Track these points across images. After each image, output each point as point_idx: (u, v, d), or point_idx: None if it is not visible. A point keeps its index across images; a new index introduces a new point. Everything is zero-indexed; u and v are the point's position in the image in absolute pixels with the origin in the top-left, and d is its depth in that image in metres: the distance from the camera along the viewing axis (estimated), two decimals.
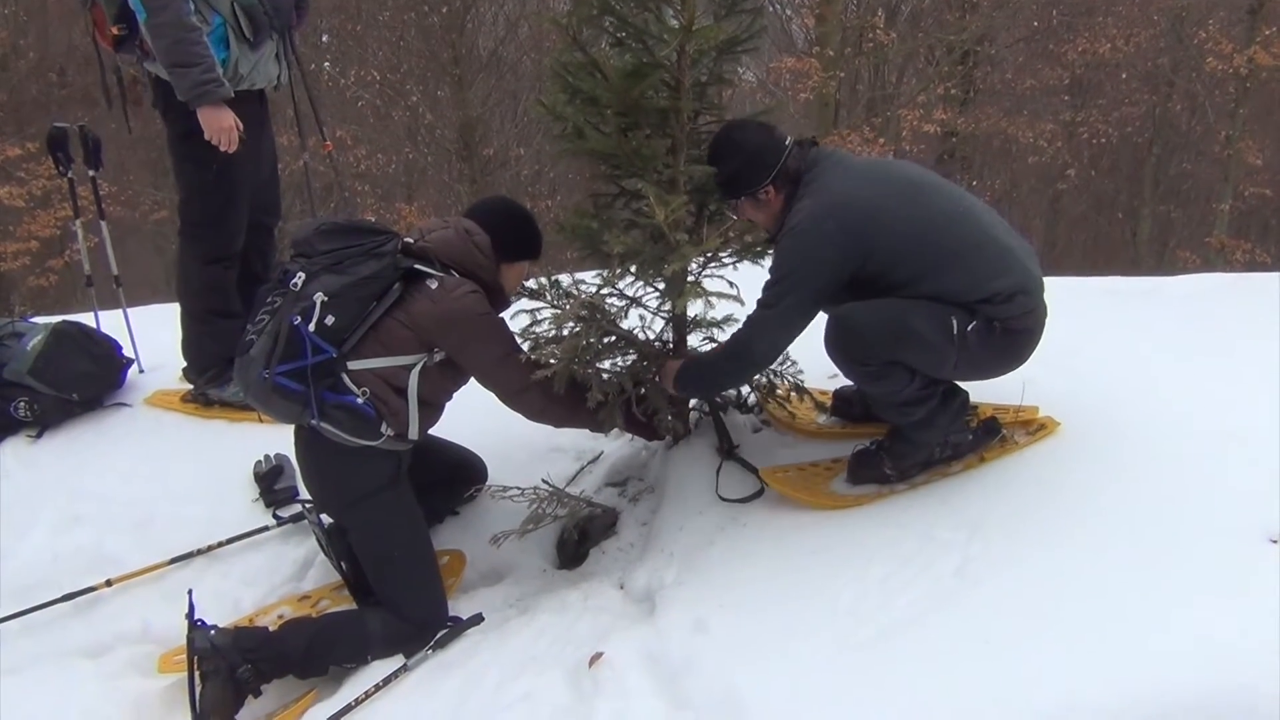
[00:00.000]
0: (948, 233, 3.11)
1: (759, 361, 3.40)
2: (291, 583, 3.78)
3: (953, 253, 3.11)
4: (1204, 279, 5.77)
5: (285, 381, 3.15)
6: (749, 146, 3.23)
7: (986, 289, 3.09)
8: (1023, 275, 3.15)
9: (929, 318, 3.07)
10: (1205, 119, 19.79)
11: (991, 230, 3.18)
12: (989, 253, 3.13)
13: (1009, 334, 3.15)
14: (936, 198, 3.19)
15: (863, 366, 3.17)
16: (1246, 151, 18.21)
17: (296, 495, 4.00)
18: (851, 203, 3.08)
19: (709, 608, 3.01)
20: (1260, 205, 20.13)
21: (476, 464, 3.96)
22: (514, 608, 3.57)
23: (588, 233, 3.37)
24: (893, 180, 3.20)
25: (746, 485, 3.60)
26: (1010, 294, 3.10)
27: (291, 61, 4.54)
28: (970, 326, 3.09)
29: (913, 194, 3.16)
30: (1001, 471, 3.33)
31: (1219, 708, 2.24)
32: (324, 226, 3.27)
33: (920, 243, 3.09)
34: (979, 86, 19.69)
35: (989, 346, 3.13)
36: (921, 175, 3.29)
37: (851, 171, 3.19)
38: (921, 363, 3.14)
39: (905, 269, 3.11)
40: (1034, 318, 3.20)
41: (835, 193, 3.10)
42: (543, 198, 17.88)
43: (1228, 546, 2.72)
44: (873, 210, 3.07)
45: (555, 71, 3.39)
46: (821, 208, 3.08)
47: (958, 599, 2.76)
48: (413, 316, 3.24)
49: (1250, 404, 3.47)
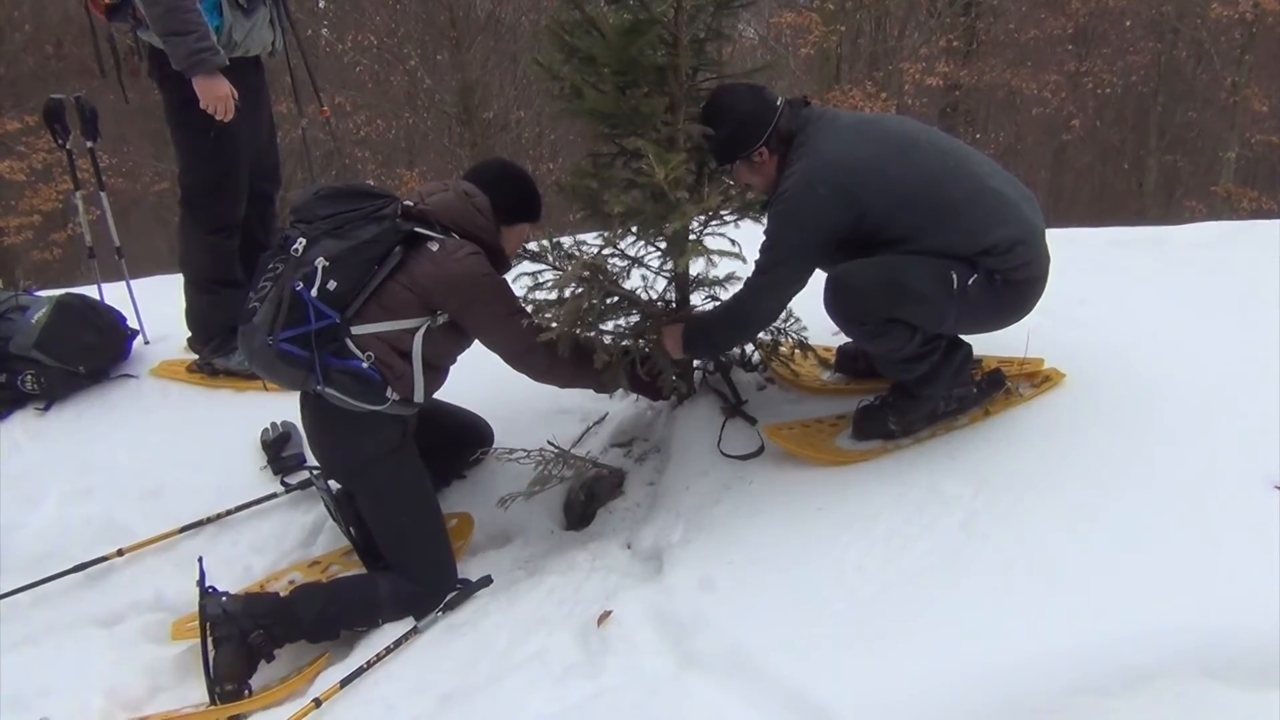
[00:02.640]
0: (941, 187, 3.09)
1: (757, 324, 3.43)
2: (301, 549, 3.80)
3: (947, 207, 3.08)
4: (1210, 228, 5.71)
5: (289, 348, 3.16)
6: (740, 111, 3.21)
7: (984, 241, 3.07)
8: (1020, 225, 3.12)
9: (927, 273, 3.06)
10: (1211, 66, 19.58)
11: (988, 181, 3.15)
12: (985, 204, 3.11)
13: (1011, 285, 3.13)
14: (929, 152, 3.16)
15: (861, 325, 3.16)
16: (1252, 98, 18.01)
17: (304, 462, 4.01)
18: (841, 163, 3.06)
19: (716, 566, 3.02)
20: (1267, 153, 19.95)
21: (482, 427, 3.96)
22: (522, 569, 3.59)
23: (587, 193, 3.35)
24: (884, 138, 3.17)
25: (749, 442, 3.60)
26: (1009, 245, 3.08)
27: (286, 27, 4.51)
28: (971, 280, 3.07)
29: (904, 150, 3.13)
30: (1007, 425, 3.32)
31: (1224, 653, 2.25)
32: (323, 191, 3.26)
33: (914, 199, 3.08)
34: (982, 38, 19.51)
35: (990, 299, 3.12)
36: (914, 130, 3.26)
37: (842, 132, 3.17)
38: (921, 318, 3.13)
39: (900, 226, 3.10)
40: (1035, 267, 3.17)
41: (825, 155, 3.08)
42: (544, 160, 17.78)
43: (1232, 495, 2.73)
44: (864, 170, 3.06)
45: (552, 30, 3.35)
46: (812, 170, 3.06)
47: (963, 553, 2.77)
48: (415, 279, 3.23)
49: (1257, 352, 3.46)
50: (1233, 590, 2.40)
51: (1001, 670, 2.33)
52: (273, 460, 4.06)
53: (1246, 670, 2.23)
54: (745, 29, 18.77)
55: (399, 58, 18.01)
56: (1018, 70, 19.16)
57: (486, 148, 16.80)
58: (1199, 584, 2.44)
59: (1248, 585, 2.40)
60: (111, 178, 14.87)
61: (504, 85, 19.07)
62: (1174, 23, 19.26)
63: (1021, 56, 19.80)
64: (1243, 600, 2.37)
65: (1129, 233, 5.71)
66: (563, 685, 2.71)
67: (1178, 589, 2.44)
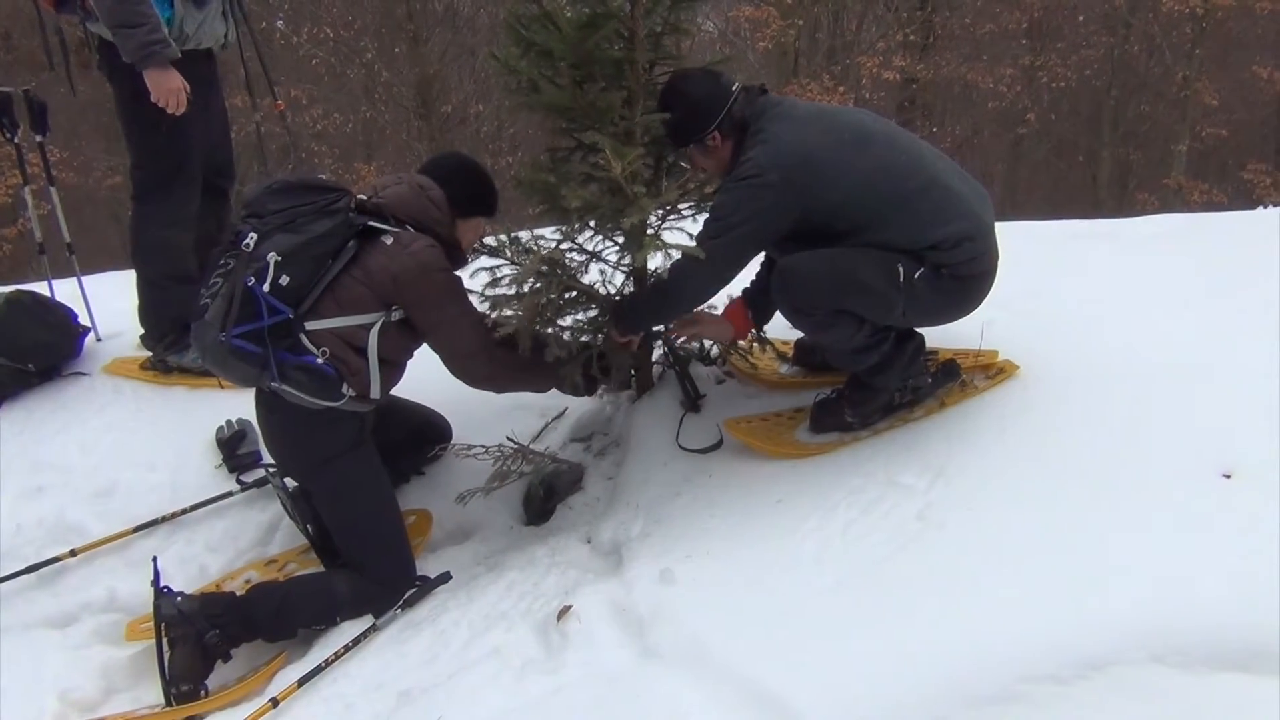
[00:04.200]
0: (893, 181, 3.11)
1: (687, 300, 3.39)
2: (257, 547, 3.77)
3: (898, 201, 3.10)
4: (1161, 220, 5.79)
5: (242, 343, 3.12)
6: (694, 95, 3.21)
7: (932, 236, 3.09)
8: (969, 221, 3.14)
9: (874, 266, 3.08)
10: (1162, 60, 19.83)
11: (941, 177, 3.17)
12: (934, 199, 3.13)
13: (957, 280, 3.16)
14: (883, 145, 3.18)
15: (808, 316, 3.18)
16: (1203, 92, 18.28)
17: (260, 460, 3.98)
18: (796, 152, 3.06)
19: (675, 558, 3.03)
20: (1217, 146, 20.22)
21: (440, 423, 3.95)
22: (482, 565, 3.58)
23: (545, 187, 3.35)
24: (839, 129, 3.17)
25: (708, 436, 3.61)
26: (957, 240, 3.10)
27: (239, 19, 4.44)
28: (918, 274, 3.10)
29: (859, 143, 3.14)
30: (962, 416, 3.35)
31: (1175, 639, 2.28)
32: (275, 186, 3.23)
33: (866, 192, 3.09)
34: (938, 32, 19.66)
35: (937, 293, 3.15)
36: (869, 122, 3.26)
37: (799, 121, 3.17)
38: (868, 310, 3.15)
39: (850, 218, 3.11)
40: (982, 263, 3.20)
41: (782, 143, 3.08)
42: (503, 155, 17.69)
43: (1183, 483, 2.77)
44: (818, 160, 3.06)
45: (509, 24, 3.35)
46: (767, 158, 3.06)
47: (920, 542, 2.79)
48: (369, 273, 3.21)
49: (1208, 343, 3.50)
50: (1183, 577, 2.43)
51: (958, 659, 2.34)
52: (228, 458, 4.02)
53: (1197, 655, 2.26)
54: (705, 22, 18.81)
55: (356, 51, 17.88)
56: (974, 64, 19.33)
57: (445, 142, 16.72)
58: (1150, 571, 2.48)
59: (1197, 572, 2.43)
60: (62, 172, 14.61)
61: (462, 79, 19.00)
62: (1126, 17, 19.49)
63: (977, 51, 19.97)
64: (1192, 587, 2.40)
65: (1082, 225, 5.77)
66: (522, 680, 2.71)
67: (1130, 576, 2.47)
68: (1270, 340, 3.43)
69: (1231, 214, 5.91)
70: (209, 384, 4.42)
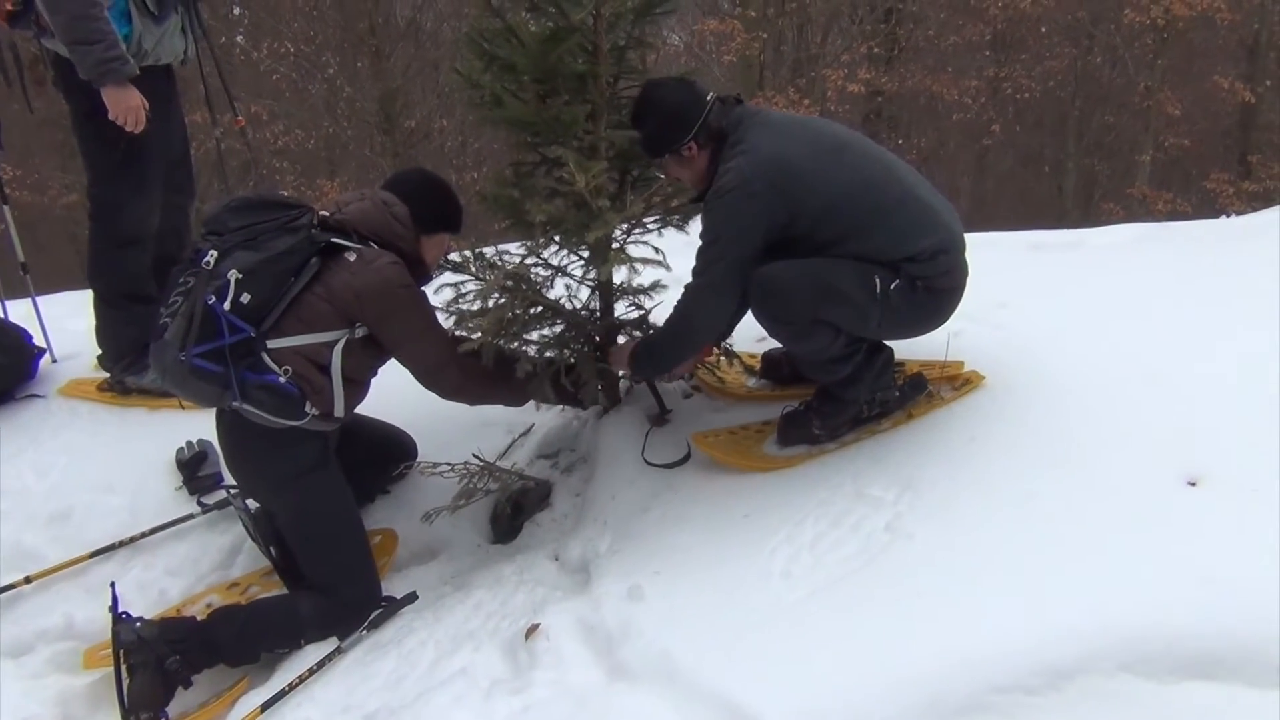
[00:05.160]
0: (871, 192, 3.13)
1: (701, 334, 3.37)
2: (219, 570, 3.73)
3: (877, 211, 3.13)
4: (1126, 229, 5.90)
5: (203, 363, 3.10)
6: (669, 104, 3.21)
7: (909, 248, 3.12)
8: (944, 235, 3.18)
9: (852, 276, 3.11)
10: (1125, 71, 20.10)
11: (915, 190, 3.21)
12: (912, 212, 3.16)
13: (931, 293, 3.20)
14: (861, 157, 3.21)
15: (788, 325, 3.20)
16: (1166, 102, 18.53)
17: (221, 481, 3.94)
18: (779, 161, 3.08)
19: (643, 575, 3.03)
20: (1181, 156, 20.51)
21: (405, 441, 3.94)
22: (449, 584, 3.57)
23: (509, 202, 3.36)
24: (819, 139, 3.20)
25: (675, 450, 3.62)
26: (933, 253, 3.14)
27: (198, 35, 4.42)
28: (893, 285, 3.12)
29: (837, 152, 3.17)
30: (930, 427, 3.38)
31: (1143, 647, 2.32)
32: (235, 203, 3.22)
33: (847, 203, 3.11)
34: (903, 44, 19.83)
35: (911, 305, 3.17)
36: (845, 134, 3.30)
37: (779, 130, 3.19)
38: (845, 321, 3.17)
39: (831, 229, 3.13)
40: (955, 277, 3.24)
41: (764, 151, 3.09)
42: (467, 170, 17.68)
43: (1148, 491, 2.82)
44: (800, 170, 3.08)
45: (471, 38, 3.36)
46: (750, 167, 3.07)
47: (889, 554, 2.81)
48: (332, 290, 3.20)
49: (1172, 351, 3.56)
50: (1149, 585, 2.47)
51: (927, 671, 2.37)
52: (188, 480, 3.98)
53: (1163, 664, 2.30)
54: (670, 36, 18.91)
55: (317, 66, 17.83)
56: (938, 76, 19.48)
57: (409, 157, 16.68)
58: (1117, 580, 2.51)
59: (1163, 580, 2.47)
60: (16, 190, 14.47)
61: (426, 93, 18.97)
62: (1089, 28, 19.77)
63: (942, 62, 20.15)
64: (1158, 595, 2.44)
65: (1048, 235, 5.86)
66: (490, 701, 2.70)
67: (1096, 586, 2.50)
68: (1234, 347, 3.50)
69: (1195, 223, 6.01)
70: (169, 405, 4.39)
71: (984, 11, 19.39)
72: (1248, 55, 19.90)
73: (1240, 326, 3.66)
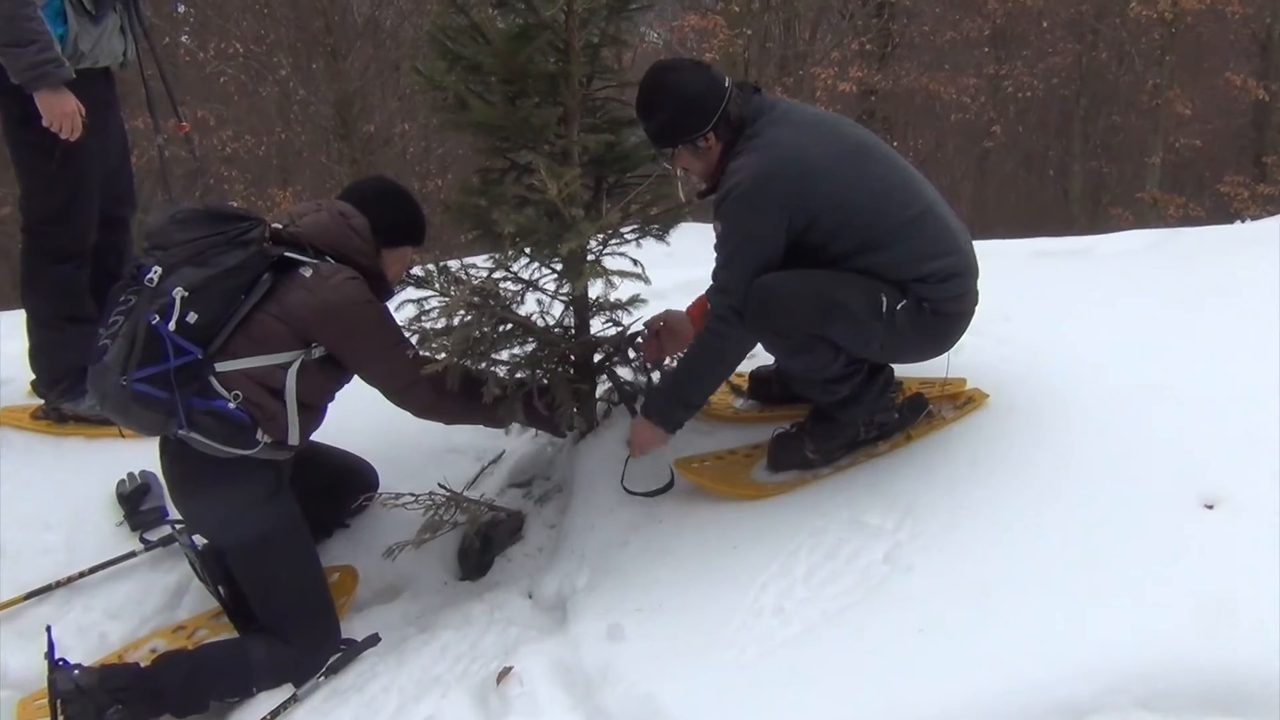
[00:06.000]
0: (891, 206, 3.13)
1: (736, 356, 3.36)
2: (164, 612, 3.70)
3: (894, 227, 3.12)
4: (1135, 236, 5.94)
5: (146, 388, 3.08)
6: (688, 89, 3.16)
7: (922, 269, 3.12)
8: (960, 257, 3.19)
9: (859, 292, 3.10)
10: (1132, 68, 20.29)
11: (935, 207, 3.20)
12: (931, 230, 3.17)
13: (939, 316, 3.20)
14: (884, 166, 3.20)
15: (785, 339, 3.19)
16: (1175, 101, 18.60)
17: (166, 516, 3.91)
18: (800, 160, 3.06)
19: (624, 612, 3.02)
20: (1193, 158, 20.68)
21: (365, 470, 3.92)
22: (413, 625, 3.55)
23: (476, 212, 3.36)
24: (840, 141, 3.19)
25: (658, 477, 3.61)
26: (946, 275, 3.15)
27: (139, 35, 4.41)
28: (900, 305, 3.12)
29: (860, 158, 3.16)
30: (930, 450, 3.39)
31: (1160, 683, 2.32)
32: (180, 215, 3.20)
33: (866, 215, 3.11)
34: (897, 40, 19.98)
35: (915, 328, 3.17)
36: (867, 137, 3.30)
37: (800, 126, 3.17)
38: (847, 339, 3.16)
39: (846, 241, 3.12)
40: (964, 302, 3.25)
41: (784, 147, 3.07)
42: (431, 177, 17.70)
43: (1162, 516, 2.83)
44: (821, 173, 3.07)
45: (433, 36, 3.36)
46: (769, 164, 3.05)
47: (888, 587, 2.82)
48: (286, 308, 3.19)
49: (1185, 366, 3.58)
50: (1166, 618, 2.47)
51: (930, 713, 2.37)
52: (130, 515, 3.95)
53: (1184, 700, 2.31)
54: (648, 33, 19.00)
55: (269, 67, 17.79)
56: (935, 74, 19.64)
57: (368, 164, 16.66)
58: (1133, 612, 2.52)
59: (1180, 611, 2.47)
60: None
61: (386, 96, 18.97)
62: (1093, 23, 19.92)
63: (938, 59, 20.31)
64: (1178, 628, 2.44)
65: (1052, 243, 5.90)
66: None
67: (1112, 618, 2.51)
68: (1250, 362, 3.51)
69: (1208, 229, 6.07)
70: (108, 433, 4.35)
71: (982, 5, 19.57)
72: (1260, 50, 20.08)
73: (1257, 339, 3.68)
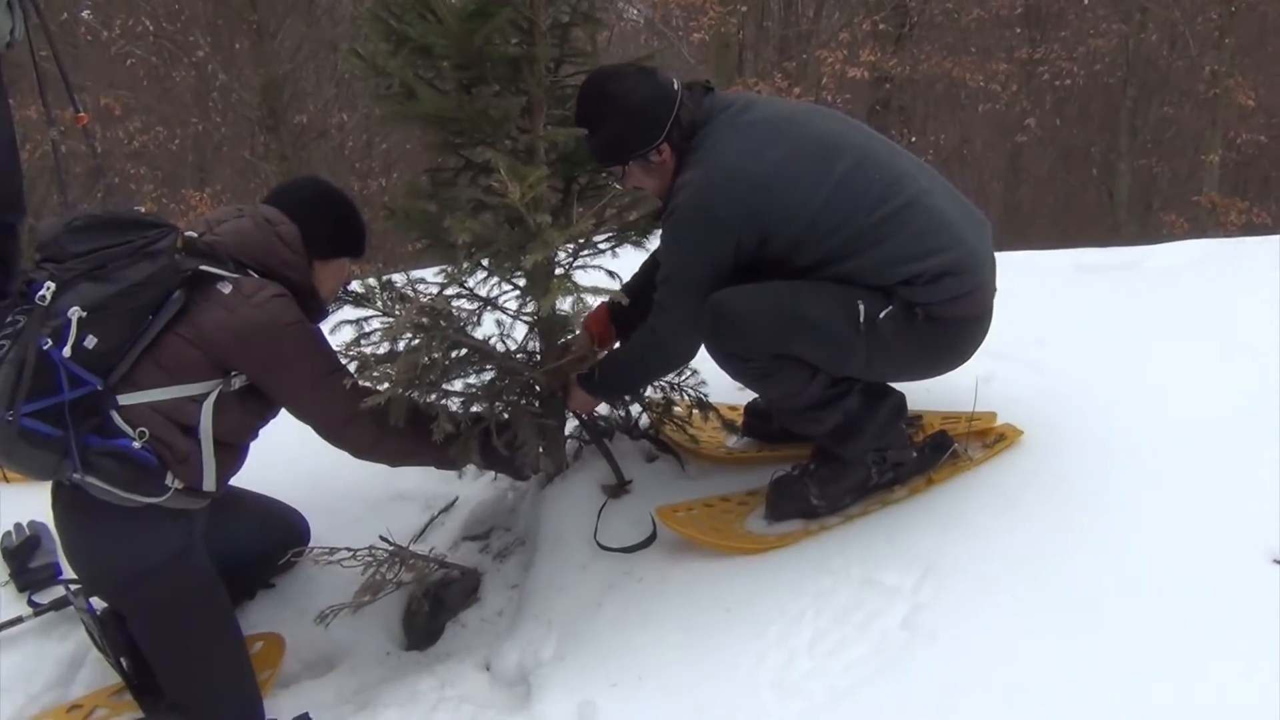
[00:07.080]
0: (863, 208, 3.12)
1: (662, 373, 3.67)
2: (56, 688, 3.66)
3: (870, 229, 3.13)
4: (1192, 246, 5.97)
5: (35, 424, 3.06)
6: (633, 100, 3.21)
7: (907, 270, 3.13)
8: (956, 252, 3.17)
9: (827, 301, 3.12)
10: (1187, 52, 20.44)
11: (923, 198, 3.20)
12: (914, 227, 3.15)
13: (936, 322, 3.19)
14: (852, 163, 3.19)
15: (745, 362, 3.21)
16: (1236, 90, 18.67)
17: (59, 574, 3.88)
18: (745, 174, 3.11)
19: (598, 687, 3.03)
20: (1257, 155, 20.81)
21: (294, 520, 3.90)
22: (350, 703, 3.54)
23: (425, 218, 3.36)
24: (800, 142, 3.20)
25: (636, 530, 3.61)
26: (935, 275, 3.13)
27: (29, 11, 4.42)
28: (883, 313, 3.12)
29: (826, 158, 3.17)
30: (954, 496, 3.40)
31: None
32: (78, 222, 3.19)
33: (832, 219, 3.12)
34: (915, 19, 20.09)
35: (909, 338, 3.17)
36: (838, 130, 3.29)
37: (753, 129, 3.20)
38: (818, 356, 3.18)
39: (811, 252, 3.15)
40: (970, 304, 3.23)
41: (726, 162, 3.12)
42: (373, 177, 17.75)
43: (1226, 576, 2.82)
44: (771, 185, 3.10)
45: (374, 14, 3.35)
46: (710, 183, 3.10)
47: (907, 659, 2.81)
48: (202, 331, 3.18)
49: (1249, 400, 3.59)
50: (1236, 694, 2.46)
51: None
52: (17, 574, 3.92)
53: None
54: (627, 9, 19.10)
55: (184, 47, 17.84)
56: (960, 58, 19.74)
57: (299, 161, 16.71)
58: (1192, 691, 2.50)
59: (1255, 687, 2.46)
60: None
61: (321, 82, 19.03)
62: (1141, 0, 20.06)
63: (963, 41, 20.44)
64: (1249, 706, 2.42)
65: (1096, 255, 5.92)
66: None
67: (1170, 696, 2.49)
68: None
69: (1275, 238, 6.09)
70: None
71: None
72: None
73: None
